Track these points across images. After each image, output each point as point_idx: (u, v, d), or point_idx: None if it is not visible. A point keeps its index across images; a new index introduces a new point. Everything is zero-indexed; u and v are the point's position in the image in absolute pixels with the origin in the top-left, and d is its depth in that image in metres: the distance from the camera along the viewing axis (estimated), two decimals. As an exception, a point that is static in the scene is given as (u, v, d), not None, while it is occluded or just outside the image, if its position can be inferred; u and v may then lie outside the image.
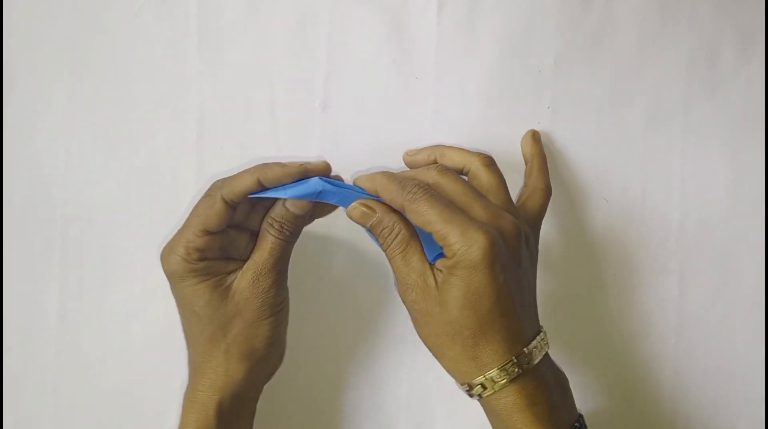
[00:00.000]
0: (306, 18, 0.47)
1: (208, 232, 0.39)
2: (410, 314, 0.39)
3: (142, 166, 0.47)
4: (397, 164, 0.47)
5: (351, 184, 0.41)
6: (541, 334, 0.39)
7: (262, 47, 0.47)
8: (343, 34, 0.47)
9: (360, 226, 0.40)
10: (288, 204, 0.40)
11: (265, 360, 0.41)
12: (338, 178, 0.41)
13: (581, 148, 0.48)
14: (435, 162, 0.43)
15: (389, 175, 0.39)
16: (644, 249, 0.49)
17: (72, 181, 0.47)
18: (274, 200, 0.40)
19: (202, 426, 0.39)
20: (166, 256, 0.40)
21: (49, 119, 0.47)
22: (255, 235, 0.41)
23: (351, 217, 0.39)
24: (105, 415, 0.47)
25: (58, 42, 0.47)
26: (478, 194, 0.39)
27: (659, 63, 0.48)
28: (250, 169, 0.39)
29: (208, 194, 0.39)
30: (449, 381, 0.48)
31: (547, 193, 0.44)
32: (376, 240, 0.40)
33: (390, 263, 0.39)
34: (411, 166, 0.45)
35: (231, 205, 0.39)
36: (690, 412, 0.49)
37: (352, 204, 0.39)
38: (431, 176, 0.39)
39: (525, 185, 0.45)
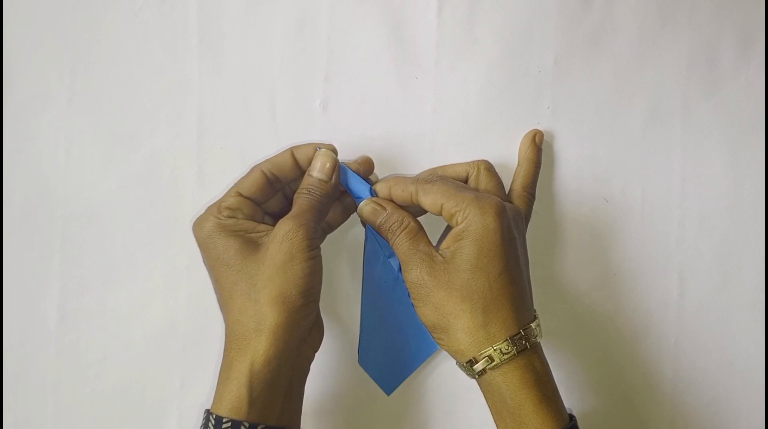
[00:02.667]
0: (306, 18, 0.47)
1: (240, 194, 0.41)
2: (412, 295, 0.40)
3: (142, 166, 0.47)
4: (396, 164, 0.47)
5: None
6: (536, 321, 0.41)
7: (262, 47, 0.47)
8: (343, 34, 0.47)
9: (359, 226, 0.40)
10: (313, 172, 0.42)
11: (300, 311, 0.39)
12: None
13: (581, 148, 0.48)
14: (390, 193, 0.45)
15: (398, 177, 0.43)
16: (644, 249, 0.49)
17: (72, 181, 0.47)
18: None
19: (236, 395, 0.38)
20: (199, 221, 0.41)
21: (49, 119, 0.47)
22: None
23: (361, 214, 0.43)
24: (105, 415, 0.47)
25: (58, 42, 0.47)
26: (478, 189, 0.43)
27: (659, 63, 0.48)
28: (286, 151, 0.43)
29: (249, 169, 0.42)
30: (449, 381, 0.48)
31: (531, 200, 0.46)
32: (375, 240, 0.43)
33: (398, 254, 0.41)
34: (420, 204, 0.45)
35: (268, 177, 0.42)
36: (690, 412, 0.49)
37: (364, 201, 0.42)
38: (437, 173, 0.45)
39: (510, 189, 0.46)
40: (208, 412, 0.38)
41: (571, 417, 0.40)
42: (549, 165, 0.48)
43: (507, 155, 0.47)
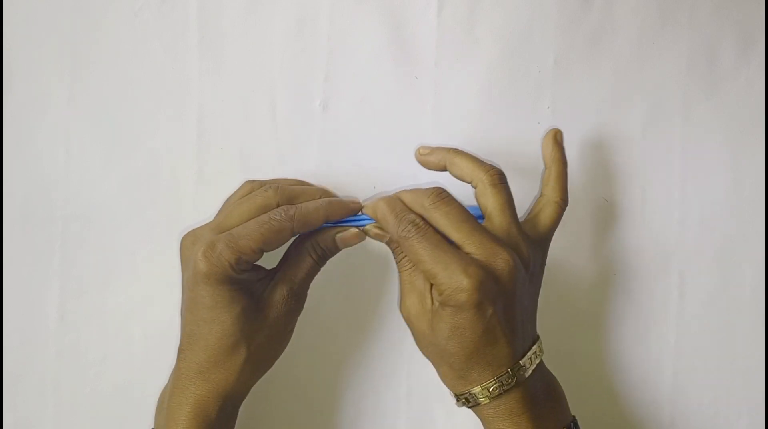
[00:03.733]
0: (306, 18, 0.47)
1: (263, 251, 0.38)
2: (407, 325, 0.41)
3: (142, 166, 0.47)
4: (396, 164, 0.47)
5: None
6: (535, 345, 0.40)
7: (262, 47, 0.47)
8: (343, 34, 0.47)
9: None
10: (338, 240, 0.41)
11: (270, 368, 0.42)
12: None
13: (581, 148, 0.48)
14: (444, 168, 0.42)
15: (389, 205, 0.40)
16: (644, 249, 0.49)
17: (72, 181, 0.47)
18: None
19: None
20: (208, 253, 0.37)
21: (49, 119, 0.47)
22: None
23: (368, 235, 0.41)
24: (105, 415, 0.47)
25: (58, 42, 0.47)
26: (474, 226, 0.39)
27: (659, 63, 0.48)
28: (320, 203, 0.40)
29: (276, 220, 0.38)
30: (449, 381, 0.48)
31: (562, 206, 0.43)
32: None
33: (399, 278, 0.41)
34: (422, 164, 0.44)
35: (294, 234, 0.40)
36: (690, 412, 0.49)
37: (368, 225, 0.41)
38: (426, 207, 0.39)
39: (541, 195, 0.44)
40: None
41: (570, 424, 0.40)
42: (549, 165, 0.48)
43: (507, 155, 0.47)
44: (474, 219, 0.39)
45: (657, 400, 0.49)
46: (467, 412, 0.40)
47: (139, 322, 0.47)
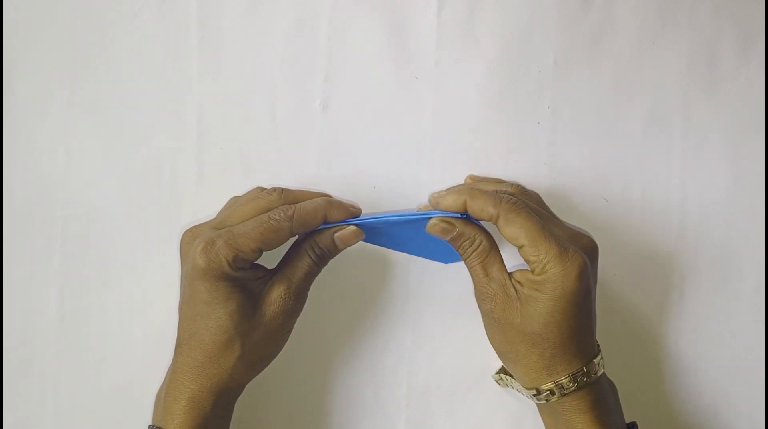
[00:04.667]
0: (306, 18, 0.47)
1: (261, 250, 0.39)
2: (484, 321, 0.41)
3: (142, 166, 0.47)
4: (396, 165, 0.47)
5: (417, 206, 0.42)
6: (601, 353, 0.41)
7: (262, 47, 0.47)
8: (343, 34, 0.47)
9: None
10: (337, 238, 0.40)
11: (266, 366, 0.42)
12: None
13: (581, 148, 0.48)
14: (465, 204, 0.40)
15: (474, 188, 0.40)
16: (644, 249, 0.49)
17: (72, 181, 0.47)
18: None
19: (198, 426, 0.39)
20: (207, 249, 0.38)
21: (49, 120, 0.47)
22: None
23: (431, 232, 0.40)
24: (105, 415, 0.47)
25: (58, 42, 0.47)
26: (552, 214, 0.41)
27: (659, 63, 0.48)
28: (318, 202, 0.40)
29: (275, 219, 0.39)
30: (449, 381, 0.48)
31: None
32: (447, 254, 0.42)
33: (470, 272, 0.41)
34: (437, 208, 0.42)
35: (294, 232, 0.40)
36: (690, 413, 0.49)
37: (431, 220, 0.40)
38: (512, 192, 0.41)
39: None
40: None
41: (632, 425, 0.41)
42: (549, 165, 0.48)
43: (507, 155, 0.47)
44: (550, 211, 0.43)
45: (657, 400, 0.49)
46: (467, 412, 0.40)
47: (139, 322, 0.47)
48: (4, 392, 0.47)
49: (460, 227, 0.40)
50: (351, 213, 0.41)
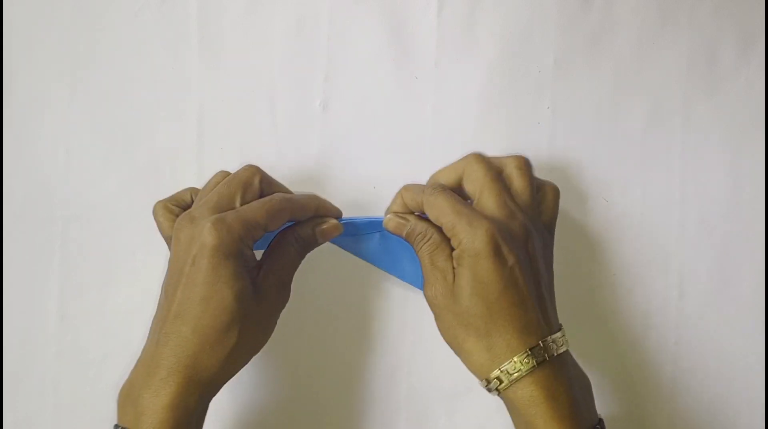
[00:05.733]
0: (306, 18, 0.47)
1: (266, 229, 0.39)
2: (432, 312, 0.41)
3: (142, 166, 0.47)
4: (396, 165, 0.47)
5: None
6: (561, 331, 0.40)
7: (262, 47, 0.47)
8: (343, 34, 0.47)
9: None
10: (318, 232, 0.42)
11: (246, 363, 0.40)
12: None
13: (581, 148, 0.48)
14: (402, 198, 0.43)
15: (410, 185, 0.42)
16: (644, 249, 0.49)
17: (72, 181, 0.47)
18: None
19: (182, 423, 0.37)
20: (218, 225, 0.37)
21: (49, 119, 0.47)
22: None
23: (387, 228, 0.42)
24: (105, 414, 0.47)
25: (58, 42, 0.47)
26: (502, 189, 0.40)
27: (659, 63, 0.48)
28: (311, 195, 0.42)
29: (276, 200, 0.40)
30: (449, 381, 0.48)
31: (527, 170, 0.43)
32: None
33: (421, 264, 0.41)
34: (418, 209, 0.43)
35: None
36: (690, 412, 0.49)
37: (387, 216, 0.42)
38: (439, 182, 0.42)
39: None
40: None
41: (599, 424, 0.40)
42: (549, 165, 0.48)
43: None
44: (504, 186, 0.42)
45: (657, 400, 0.49)
46: (467, 412, 0.40)
47: (139, 322, 0.47)
48: (4, 392, 0.47)
49: (413, 222, 0.41)
50: (336, 212, 0.43)
